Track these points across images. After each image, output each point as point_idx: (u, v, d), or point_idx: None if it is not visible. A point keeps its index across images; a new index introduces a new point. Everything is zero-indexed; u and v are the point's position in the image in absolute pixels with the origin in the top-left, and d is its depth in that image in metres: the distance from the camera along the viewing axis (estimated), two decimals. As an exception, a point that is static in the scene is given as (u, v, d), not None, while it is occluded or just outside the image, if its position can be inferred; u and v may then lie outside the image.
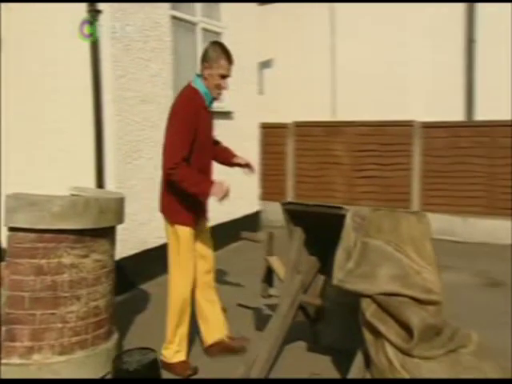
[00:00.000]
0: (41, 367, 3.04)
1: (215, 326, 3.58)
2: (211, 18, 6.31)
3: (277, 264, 3.51)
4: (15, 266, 3.01)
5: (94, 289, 3.24)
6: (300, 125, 8.24)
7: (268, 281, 3.60)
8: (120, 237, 3.54)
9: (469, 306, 4.39)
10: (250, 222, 7.38)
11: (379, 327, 2.59)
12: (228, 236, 6.31)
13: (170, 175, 3.12)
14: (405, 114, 7.48)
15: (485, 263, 5.97)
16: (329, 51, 8.32)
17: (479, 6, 7.29)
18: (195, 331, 3.64)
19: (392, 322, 2.59)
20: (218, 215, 3.56)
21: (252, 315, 4.37)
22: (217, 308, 3.61)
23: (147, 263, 5.20)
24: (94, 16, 4.54)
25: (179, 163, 3.08)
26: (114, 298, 3.54)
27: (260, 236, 3.69)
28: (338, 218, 3.01)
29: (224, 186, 3.14)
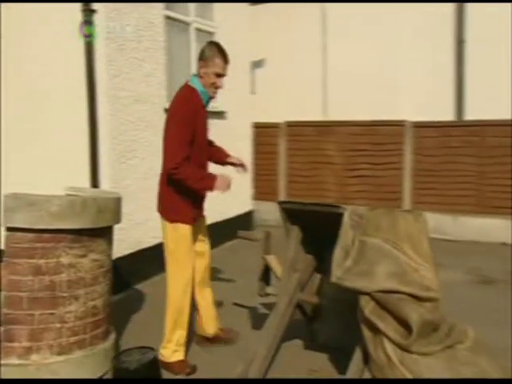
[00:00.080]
0: (39, 367, 3.03)
1: (207, 322, 3.69)
2: (204, 18, 6.30)
3: (274, 262, 3.53)
4: (13, 266, 3.00)
5: (92, 288, 3.24)
6: (292, 124, 8.27)
7: (265, 279, 3.61)
8: (115, 237, 3.54)
9: (463, 304, 4.44)
10: (243, 222, 7.40)
11: (378, 324, 2.62)
12: (222, 235, 6.33)
13: (174, 174, 3.15)
14: (396, 114, 7.54)
15: (476, 261, 6.05)
16: (320, 51, 8.35)
17: (469, 6, 7.34)
18: (192, 330, 3.66)
19: (390, 319, 2.62)
20: (212, 215, 3.59)
21: (248, 314, 4.39)
22: (210, 304, 3.70)
23: (142, 263, 5.20)
24: (89, 16, 4.53)
25: (182, 162, 3.12)
26: (112, 298, 3.54)
27: (257, 235, 3.71)
28: (335, 217, 3.03)
29: (227, 179, 3.26)
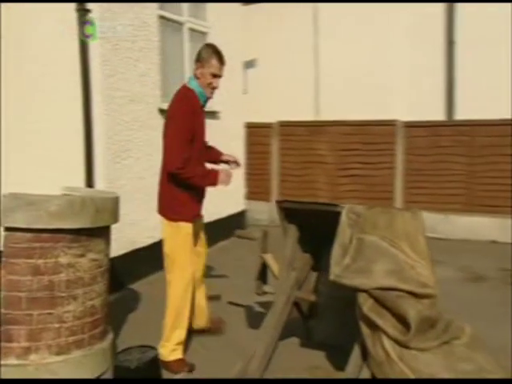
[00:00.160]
0: (38, 367, 3.02)
1: (200, 316, 3.81)
2: (197, 18, 6.31)
3: (271, 261, 3.56)
4: (12, 266, 3.00)
5: (91, 288, 3.24)
6: (284, 124, 8.31)
7: (262, 278, 3.64)
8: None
9: (456, 300, 4.49)
10: (236, 221, 7.42)
11: (377, 321, 2.66)
12: (215, 235, 6.33)
13: (181, 174, 3.20)
14: (387, 114, 7.60)
15: (467, 259, 6.12)
16: (312, 51, 8.40)
17: (459, 6, 7.41)
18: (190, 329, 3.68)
19: (389, 316, 2.66)
20: (205, 214, 3.64)
21: (244, 312, 4.41)
22: (203, 300, 3.81)
23: (136, 263, 5.20)
24: (83, 15, 4.52)
25: (185, 161, 3.17)
26: (109, 298, 3.55)
27: (254, 234, 3.74)
28: (333, 216, 3.07)
29: (228, 172, 3.38)
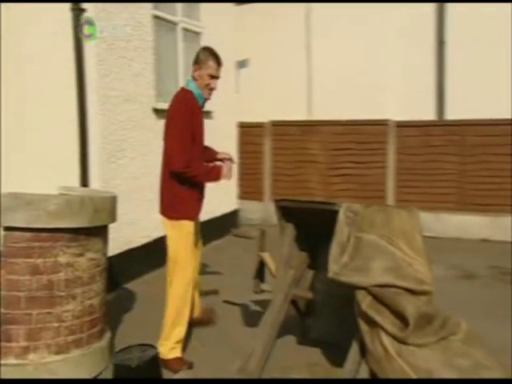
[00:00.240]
0: (37, 367, 3.04)
1: (192, 309, 3.83)
2: (191, 18, 6.32)
3: (269, 259, 3.59)
4: (11, 266, 3.00)
5: (89, 287, 3.25)
6: (277, 124, 8.33)
7: (260, 276, 3.67)
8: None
9: (449, 298, 4.56)
10: (229, 221, 7.44)
11: (375, 317, 2.69)
12: (209, 234, 6.33)
13: (187, 173, 3.26)
14: (379, 114, 7.65)
15: (458, 257, 6.20)
16: (305, 51, 8.42)
17: (449, 6, 7.46)
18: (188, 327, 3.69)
19: (387, 313, 2.70)
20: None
21: (240, 311, 4.43)
22: (196, 295, 3.90)
23: (131, 262, 5.20)
24: (78, 15, 4.51)
25: (189, 161, 3.23)
26: (107, 297, 3.56)
27: (252, 233, 3.77)
28: (330, 214, 3.10)
29: (230, 167, 3.51)
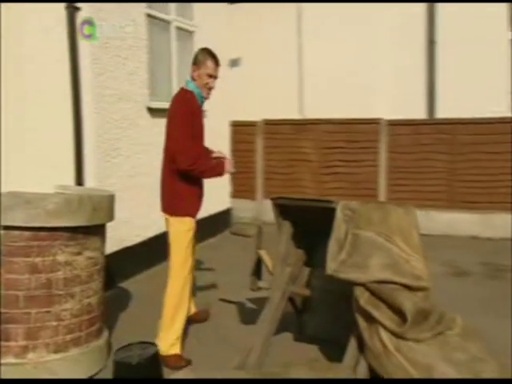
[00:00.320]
0: (36, 366, 3.04)
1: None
2: (185, 17, 6.33)
3: (266, 257, 3.61)
4: (10, 265, 2.99)
5: (87, 286, 3.26)
6: (269, 123, 8.33)
7: (257, 274, 3.70)
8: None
9: (442, 294, 4.60)
10: (221, 220, 7.46)
11: (373, 313, 2.73)
12: (202, 232, 6.34)
13: (193, 170, 3.33)
14: (371, 113, 7.70)
15: (449, 254, 6.27)
16: (296, 50, 8.44)
17: (440, 6, 7.52)
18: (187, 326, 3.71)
19: (385, 308, 2.74)
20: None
21: (236, 309, 4.45)
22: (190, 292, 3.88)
23: (126, 261, 5.19)
24: (72, 13, 4.51)
25: (194, 157, 3.30)
26: (105, 295, 3.56)
27: (249, 231, 3.80)
28: (327, 212, 3.14)
29: (231, 161, 3.63)
